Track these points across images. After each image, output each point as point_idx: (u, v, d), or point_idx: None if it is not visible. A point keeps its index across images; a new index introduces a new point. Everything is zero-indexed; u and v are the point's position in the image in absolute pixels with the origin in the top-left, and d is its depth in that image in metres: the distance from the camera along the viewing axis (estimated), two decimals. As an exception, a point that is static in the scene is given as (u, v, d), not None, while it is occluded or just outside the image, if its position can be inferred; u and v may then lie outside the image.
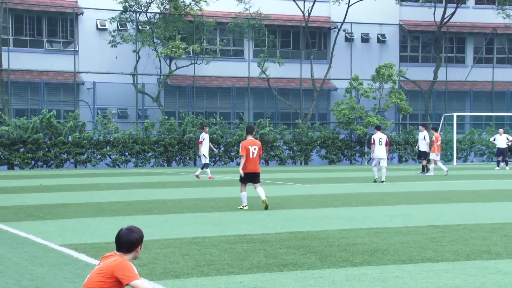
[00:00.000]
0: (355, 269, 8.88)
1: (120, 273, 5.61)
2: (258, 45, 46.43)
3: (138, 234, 5.89)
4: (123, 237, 5.84)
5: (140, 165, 38.45)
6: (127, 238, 5.84)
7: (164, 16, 42.21)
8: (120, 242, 5.84)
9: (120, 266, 5.65)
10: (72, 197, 18.76)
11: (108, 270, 5.65)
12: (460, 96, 50.76)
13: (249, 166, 15.85)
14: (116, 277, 5.61)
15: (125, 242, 5.83)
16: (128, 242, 5.82)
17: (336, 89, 47.51)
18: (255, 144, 15.97)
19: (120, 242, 5.84)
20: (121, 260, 5.70)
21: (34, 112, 40.65)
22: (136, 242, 5.85)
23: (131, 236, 5.84)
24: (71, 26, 43.34)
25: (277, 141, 40.99)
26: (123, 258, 5.75)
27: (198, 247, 10.45)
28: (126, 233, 5.85)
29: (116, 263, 5.67)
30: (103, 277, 5.64)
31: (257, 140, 16.57)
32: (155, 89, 42.67)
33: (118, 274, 5.61)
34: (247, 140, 16.08)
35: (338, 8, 45.67)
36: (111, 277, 5.62)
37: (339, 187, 23.00)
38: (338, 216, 14.52)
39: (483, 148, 45.56)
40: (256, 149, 15.87)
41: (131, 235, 5.85)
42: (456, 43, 51.83)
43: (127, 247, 5.83)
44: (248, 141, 16.01)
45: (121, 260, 5.71)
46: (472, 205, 16.98)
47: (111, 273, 5.63)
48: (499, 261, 9.45)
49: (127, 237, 5.84)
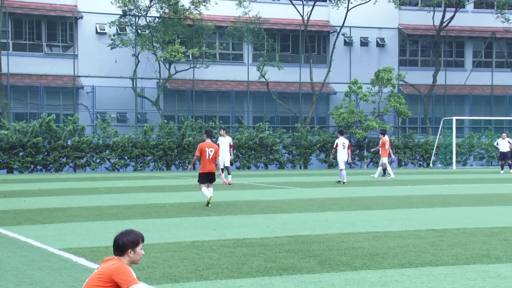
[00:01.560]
0: (355, 273, 8.87)
1: (118, 277, 5.63)
2: (257, 49, 46.46)
3: (129, 236, 5.89)
4: (115, 239, 5.93)
5: (139, 169, 38.43)
6: (116, 240, 5.91)
7: (163, 20, 42.23)
8: (113, 245, 5.93)
9: (119, 270, 5.66)
10: (71, 201, 18.75)
11: (106, 274, 5.66)
12: (459, 100, 50.79)
13: (205, 166, 17.37)
14: (114, 281, 5.63)
15: (116, 244, 5.90)
16: (118, 245, 5.88)
17: (335, 93, 47.53)
18: (211, 147, 17.41)
19: (113, 245, 5.93)
20: (120, 264, 5.72)
21: (33, 116, 40.64)
22: (123, 245, 5.86)
23: (121, 239, 5.89)
24: (70, 30, 43.35)
25: (276, 145, 40.99)
26: (121, 262, 5.77)
27: (197, 251, 10.44)
28: (118, 236, 5.92)
29: (115, 267, 5.69)
30: (101, 281, 5.65)
31: (214, 144, 18.14)
32: (154, 93, 42.68)
33: (116, 278, 5.63)
34: (205, 143, 17.58)
35: (337, 12, 45.72)
36: (109, 281, 5.64)
37: (339, 191, 22.99)
38: (337, 220, 14.52)
39: (482, 152, 45.58)
40: (212, 151, 17.33)
41: (121, 238, 5.90)
42: (455, 47, 51.87)
43: (118, 250, 5.88)
44: (205, 144, 17.49)
45: (119, 264, 5.72)
46: (472, 209, 16.97)
47: (109, 277, 5.64)
48: (498, 265, 9.44)
49: (117, 240, 5.91)
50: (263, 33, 45.22)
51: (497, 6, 48.08)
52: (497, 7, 48.22)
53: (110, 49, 41.55)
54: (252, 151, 40.86)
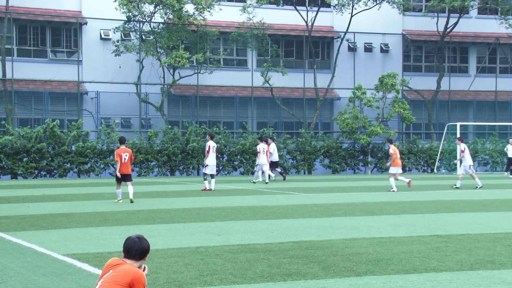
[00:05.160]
0: (359, 279, 8.85)
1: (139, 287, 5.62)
2: (261, 55, 46.49)
3: (147, 242, 5.93)
4: (136, 245, 5.83)
5: (144, 174, 38.44)
6: (140, 246, 5.84)
7: (167, 26, 42.30)
8: (132, 250, 5.83)
9: (141, 281, 5.64)
10: (75, 207, 18.76)
11: (124, 279, 5.60)
12: (463, 106, 50.74)
13: (122, 169, 19.85)
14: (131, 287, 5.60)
15: (138, 250, 5.83)
16: (141, 250, 5.83)
17: (339, 98, 47.52)
18: (126, 152, 20.02)
19: (133, 250, 5.83)
20: (141, 273, 5.69)
21: (37, 122, 40.68)
22: (148, 249, 5.89)
23: (143, 244, 5.86)
24: (75, 36, 43.44)
25: (281, 150, 40.98)
26: (137, 268, 5.74)
27: (201, 257, 10.44)
28: (138, 241, 5.85)
29: (138, 276, 5.65)
30: (118, 285, 5.60)
31: (128, 149, 20.70)
32: (158, 99, 42.73)
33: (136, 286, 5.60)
34: (120, 149, 20.10)
35: (341, 17, 45.74)
36: (127, 286, 5.59)
37: (343, 196, 22.97)
38: (341, 225, 14.50)
39: (486, 158, 45.51)
40: (128, 155, 19.93)
41: (143, 243, 5.86)
42: (459, 53, 51.85)
43: (140, 255, 5.83)
44: (121, 149, 20.04)
45: (140, 273, 5.69)
46: (476, 215, 16.94)
47: (127, 282, 5.59)
48: (503, 271, 9.42)
49: (140, 245, 5.84)
50: (267, 38, 45.25)
51: (501, 12, 48.07)
52: (501, 13, 48.22)
53: (114, 55, 41.63)
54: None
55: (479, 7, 49.89)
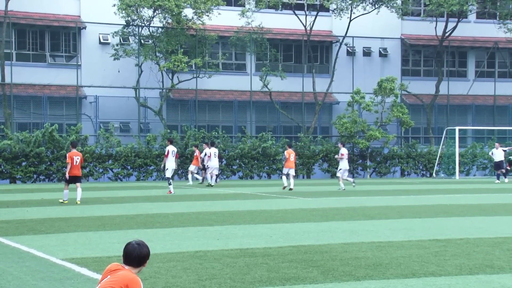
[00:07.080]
0: (358, 283, 8.85)
1: None
2: (260, 59, 46.53)
3: (147, 248, 5.88)
4: (136, 251, 5.79)
5: (142, 178, 38.44)
6: (139, 252, 5.79)
7: (166, 30, 42.33)
8: (131, 256, 5.79)
9: (137, 286, 5.60)
10: (74, 211, 18.74)
11: (120, 283, 5.59)
12: (462, 110, 50.78)
13: (73, 170, 21.41)
14: None
15: (138, 256, 5.79)
16: (140, 257, 5.79)
17: (338, 102, 47.56)
18: (77, 155, 21.58)
19: (132, 256, 5.79)
20: (138, 280, 5.66)
21: (36, 126, 40.67)
22: (147, 256, 5.84)
23: (143, 250, 5.81)
24: (73, 40, 43.47)
25: (279, 154, 40.97)
26: (134, 274, 5.72)
27: (200, 261, 10.43)
28: (138, 248, 5.80)
29: (135, 281, 5.61)
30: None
31: (79, 152, 22.31)
32: (157, 103, 42.74)
33: None
34: (72, 152, 21.59)
35: (340, 22, 45.78)
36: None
37: (341, 200, 22.97)
38: (340, 229, 14.49)
39: (485, 162, 45.53)
40: (79, 158, 21.52)
41: (143, 249, 5.82)
42: (458, 57, 51.92)
43: (139, 262, 5.80)
44: (73, 153, 21.54)
45: (138, 279, 5.66)
46: (475, 219, 16.94)
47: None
48: (502, 276, 9.42)
49: (139, 251, 5.79)
50: (266, 43, 45.28)
51: (500, 16, 48.16)
52: (499, 17, 48.31)
53: (113, 60, 41.64)
54: (255, 161, 40.87)
55: (477, 11, 49.97)
